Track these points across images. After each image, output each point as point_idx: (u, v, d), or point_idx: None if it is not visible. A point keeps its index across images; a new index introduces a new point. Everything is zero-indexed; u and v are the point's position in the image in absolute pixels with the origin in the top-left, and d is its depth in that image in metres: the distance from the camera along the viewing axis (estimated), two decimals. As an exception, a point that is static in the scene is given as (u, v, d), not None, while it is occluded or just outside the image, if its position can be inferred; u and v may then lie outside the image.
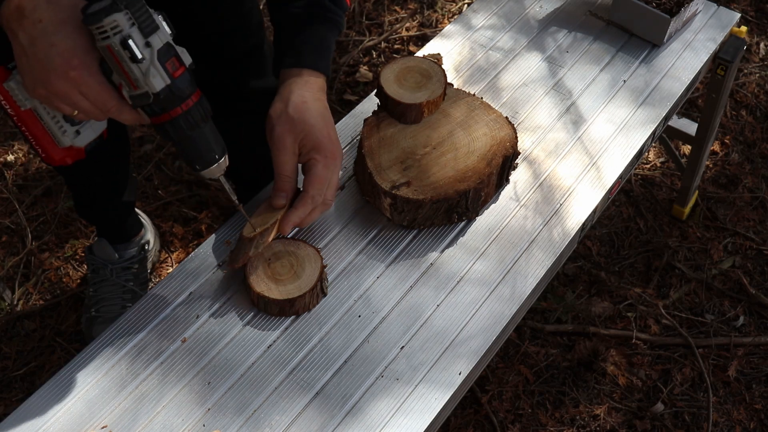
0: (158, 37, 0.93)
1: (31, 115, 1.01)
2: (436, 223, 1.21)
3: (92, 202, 1.66)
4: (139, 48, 0.91)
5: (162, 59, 0.93)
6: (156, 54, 0.92)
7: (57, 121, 1.02)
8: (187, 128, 0.98)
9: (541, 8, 1.60)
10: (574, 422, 1.68)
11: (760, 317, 1.86)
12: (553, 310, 1.84)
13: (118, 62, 0.92)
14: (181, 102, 0.96)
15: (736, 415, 1.70)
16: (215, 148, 1.03)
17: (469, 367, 1.07)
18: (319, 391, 1.04)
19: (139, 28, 0.91)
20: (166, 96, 0.95)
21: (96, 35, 0.90)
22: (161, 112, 0.96)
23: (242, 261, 1.11)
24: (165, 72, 0.93)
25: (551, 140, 1.36)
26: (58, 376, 1.05)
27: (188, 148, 1.01)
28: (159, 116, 0.97)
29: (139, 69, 0.92)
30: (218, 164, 1.04)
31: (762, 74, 2.40)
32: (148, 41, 0.92)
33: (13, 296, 1.83)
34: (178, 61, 0.95)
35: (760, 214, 2.06)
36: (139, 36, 0.91)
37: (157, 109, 0.96)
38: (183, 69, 0.96)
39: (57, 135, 1.03)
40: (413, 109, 1.24)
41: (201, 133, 1.00)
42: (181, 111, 0.97)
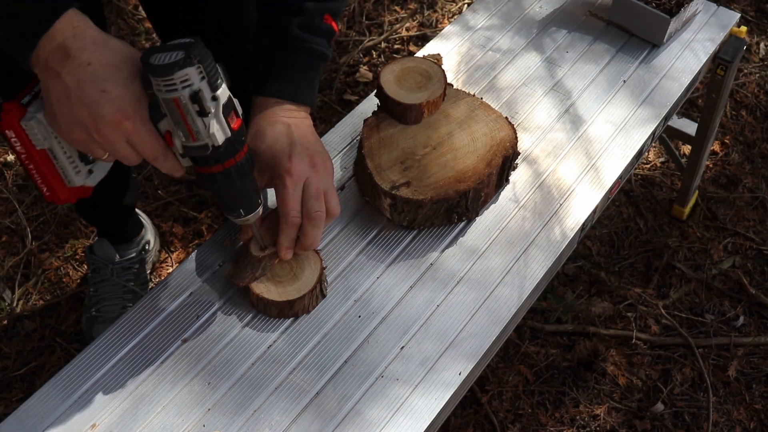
0: (224, 91, 0.92)
1: (45, 154, 0.98)
2: (436, 224, 1.21)
3: (93, 203, 1.66)
4: (207, 102, 0.90)
5: (225, 113, 0.92)
6: (221, 108, 0.91)
7: (72, 161, 0.99)
8: (238, 178, 0.98)
9: (541, 8, 1.60)
10: (574, 422, 1.68)
11: (760, 317, 1.86)
12: (553, 310, 1.84)
13: (182, 115, 0.90)
14: (235, 153, 0.95)
15: (736, 415, 1.70)
16: (257, 194, 1.02)
17: (469, 367, 1.07)
18: (319, 391, 1.04)
19: (208, 82, 0.89)
20: (225, 148, 0.94)
21: (160, 87, 0.87)
22: (215, 163, 0.95)
23: (248, 280, 1.09)
24: (227, 125, 0.93)
25: (551, 140, 1.36)
26: (58, 376, 1.05)
27: (235, 197, 1.01)
28: (211, 167, 0.96)
29: (204, 122, 0.90)
30: (258, 210, 1.04)
31: (762, 74, 2.40)
32: (215, 95, 0.90)
33: (13, 296, 1.83)
34: (236, 113, 0.95)
35: (760, 214, 2.06)
36: (208, 90, 0.89)
37: (211, 161, 0.95)
38: (240, 121, 0.95)
39: (69, 175, 1.00)
40: (413, 110, 1.24)
41: (249, 181, 1.00)
42: (235, 162, 0.96)
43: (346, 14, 2.53)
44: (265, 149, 1.08)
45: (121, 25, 2.47)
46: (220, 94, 0.91)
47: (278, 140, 1.08)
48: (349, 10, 2.53)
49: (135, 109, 0.89)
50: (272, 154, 1.07)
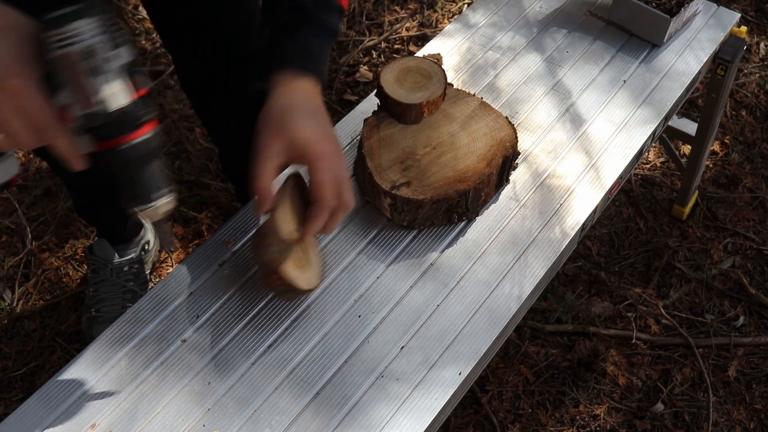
0: (124, 52, 0.85)
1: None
2: (436, 223, 1.21)
3: (92, 204, 1.66)
4: (103, 60, 0.82)
5: (125, 76, 0.85)
6: (122, 67, 0.84)
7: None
8: (147, 154, 0.89)
9: (541, 8, 1.60)
10: (574, 422, 1.68)
11: (760, 317, 1.86)
12: (553, 310, 1.84)
13: (73, 74, 0.82)
14: (142, 125, 0.87)
15: (736, 415, 1.70)
16: (166, 182, 0.92)
17: (469, 367, 1.07)
18: (319, 391, 1.04)
19: (106, 38, 0.83)
20: (128, 116, 0.86)
21: (51, 43, 0.81)
22: (119, 133, 0.86)
23: (278, 264, 1.04)
24: (126, 90, 0.85)
25: (551, 140, 1.36)
26: (58, 376, 1.05)
27: (145, 179, 0.90)
28: (116, 138, 0.87)
29: (99, 83, 0.83)
30: (155, 207, 0.92)
31: (762, 74, 2.40)
32: (114, 54, 0.83)
33: (13, 296, 1.83)
34: (140, 82, 0.87)
35: (760, 214, 2.06)
36: (105, 48, 0.83)
37: (115, 130, 0.86)
38: (146, 91, 0.88)
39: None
40: (413, 110, 1.24)
41: (157, 163, 0.90)
42: (142, 134, 0.87)
43: (346, 14, 2.53)
44: (298, 127, 1.02)
45: (120, 25, 2.47)
46: (121, 54, 0.84)
47: (312, 118, 1.04)
48: (349, 10, 2.53)
49: (24, 70, 0.81)
50: (304, 132, 1.02)
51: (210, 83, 1.54)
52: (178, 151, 2.15)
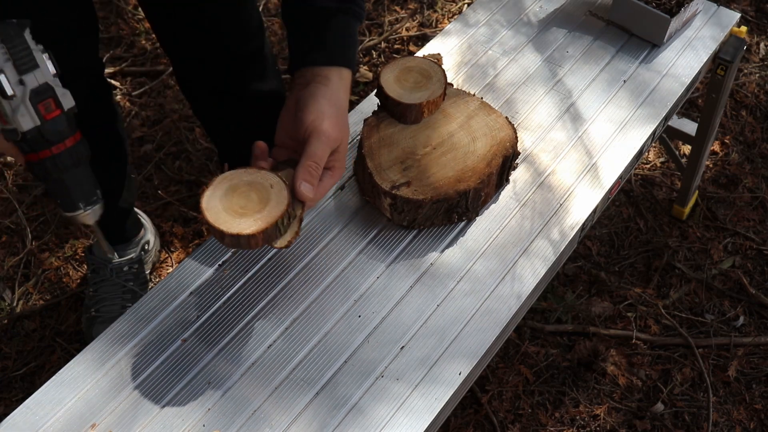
0: (34, 76, 0.90)
1: None
2: (436, 223, 1.21)
3: None
4: (11, 84, 0.89)
5: (34, 99, 0.91)
6: (28, 93, 0.90)
7: None
8: (55, 172, 0.95)
9: (541, 8, 1.60)
10: (574, 422, 1.68)
11: (760, 317, 1.86)
12: (553, 310, 1.84)
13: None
14: (50, 145, 0.94)
15: (736, 415, 1.70)
16: (84, 195, 0.99)
17: (469, 367, 1.07)
18: (319, 391, 1.04)
19: (14, 64, 0.89)
20: (34, 137, 0.92)
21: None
22: (30, 150, 0.94)
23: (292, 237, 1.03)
24: (36, 113, 0.91)
25: (551, 140, 1.36)
26: (58, 376, 1.05)
27: (54, 191, 0.98)
28: (27, 154, 0.95)
29: (9, 105, 0.90)
30: (84, 213, 0.99)
31: (762, 74, 2.40)
32: (22, 79, 0.90)
33: (13, 296, 1.83)
34: (55, 103, 0.93)
35: (760, 214, 2.06)
36: (13, 72, 0.89)
37: (26, 148, 0.94)
38: (58, 112, 0.93)
39: None
40: (413, 109, 1.24)
41: (71, 177, 0.97)
42: (50, 154, 0.94)
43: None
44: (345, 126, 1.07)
45: (121, 25, 2.47)
46: (29, 79, 0.90)
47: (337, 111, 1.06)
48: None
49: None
50: (345, 134, 1.07)
51: (209, 83, 1.54)
52: (178, 151, 2.15)
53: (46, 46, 1.27)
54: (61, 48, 1.29)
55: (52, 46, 1.27)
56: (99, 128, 1.50)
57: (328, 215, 1.24)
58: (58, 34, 1.26)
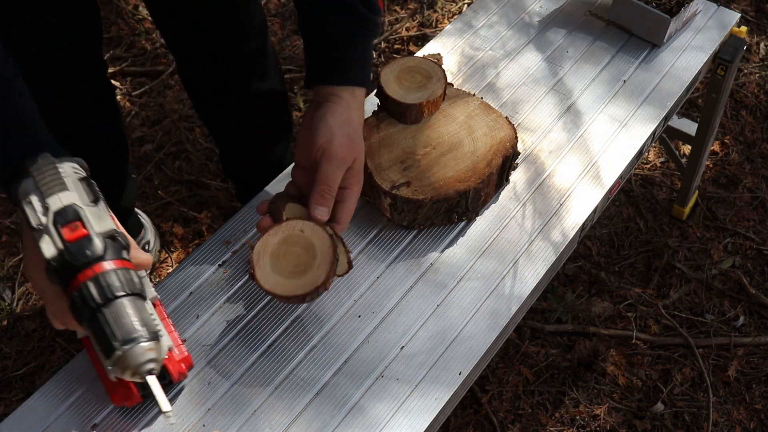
0: (59, 198, 0.83)
1: (88, 342, 0.97)
2: (436, 223, 1.21)
3: None
4: (38, 214, 0.83)
5: (59, 222, 0.82)
6: (51, 217, 0.82)
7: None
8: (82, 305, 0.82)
9: (541, 8, 1.60)
10: (574, 422, 1.68)
11: (760, 317, 1.86)
12: (553, 310, 1.84)
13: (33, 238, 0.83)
14: (77, 271, 0.82)
15: (736, 415, 1.70)
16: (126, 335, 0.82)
17: (469, 367, 1.07)
18: (319, 391, 1.04)
19: (40, 191, 0.83)
20: (62, 264, 0.82)
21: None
22: (60, 284, 0.83)
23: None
24: (59, 236, 0.82)
25: (551, 140, 1.36)
26: (58, 376, 1.05)
27: (92, 334, 0.83)
28: (65, 291, 0.84)
29: (38, 236, 0.82)
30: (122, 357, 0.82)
31: (762, 74, 2.40)
32: (46, 202, 0.83)
33: (13, 296, 1.83)
34: (83, 225, 0.83)
35: (760, 214, 2.06)
36: (39, 202, 0.83)
37: (56, 281, 0.83)
38: (85, 233, 0.82)
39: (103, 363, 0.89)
40: (413, 109, 1.24)
41: (110, 312, 0.82)
42: (78, 283, 0.82)
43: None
44: (360, 149, 1.08)
45: (121, 25, 2.47)
46: (51, 202, 0.83)
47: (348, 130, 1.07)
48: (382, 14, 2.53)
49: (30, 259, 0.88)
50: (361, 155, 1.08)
51: (210, 83, 1.54)
52: (178, 151, 2.15)
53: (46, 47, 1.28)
54: (61, 48, 1.29)
55: (51, 46, 1.27)
56: (101, 129, 1.50)
57: (328, 215, 1.24)
58: (59, 34, 1.27)
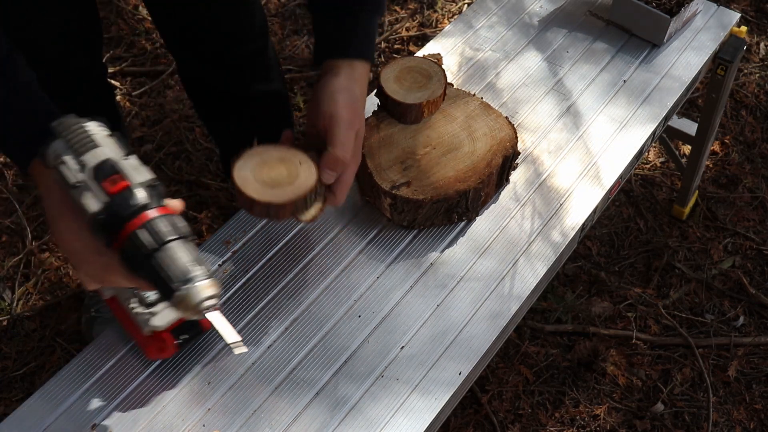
0: (94, 155, 0.85)
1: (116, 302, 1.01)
2: (436, 223, 1.21)
3: None
4: (72, 172, 0.85)
5: (98, 177, 0.84)
6: (91, 173, 0.84)
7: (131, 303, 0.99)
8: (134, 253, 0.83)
9: (541, 8, 1.60)
10: (574, 422, 1.68)
11: (760, 317, 1.86)
12: (553, 310, 1.84)
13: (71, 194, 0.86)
14: (125, 221, 0.83)
15: (736, 415, 1.70)
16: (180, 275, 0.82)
17: (469, 367, 1.07)
18: (319, 391, 1.04)
19: (73, 150, 0.85)
20: (107, 217, 0.84)
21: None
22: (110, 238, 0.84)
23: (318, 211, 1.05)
24: (101, 190, 0.84)
25: (551, 140, 1.36)
26: (58, 376, 1.05)
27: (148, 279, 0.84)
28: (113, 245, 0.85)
29: (79, 194, 0.85)
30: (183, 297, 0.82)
31: (762, 74, 2.40)
32: (81, 160, 0.85)
33: (13, 296, 1.83)
34: (122, 177, 0.85)
35: (760, 214, 2.06)
36: (73, 160, 0.85)
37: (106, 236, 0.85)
38: (126, 184, 0.85)
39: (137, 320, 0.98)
40: (413, 109, 1.24)
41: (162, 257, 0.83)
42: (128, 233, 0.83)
43: None
44: (362, 119, 1.08)
45: (121, 25, 2.47)
46: (87, 159, 0.85)
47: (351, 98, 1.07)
48: None
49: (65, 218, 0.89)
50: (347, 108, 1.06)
51: (210, 83, 1.54)
52: (178, 151, 2.15)
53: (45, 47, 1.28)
54: (61, 48, 1.29)
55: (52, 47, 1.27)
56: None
57: (328, 215, 1.24)
58: (59, 35, 1.27)
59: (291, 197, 1.01)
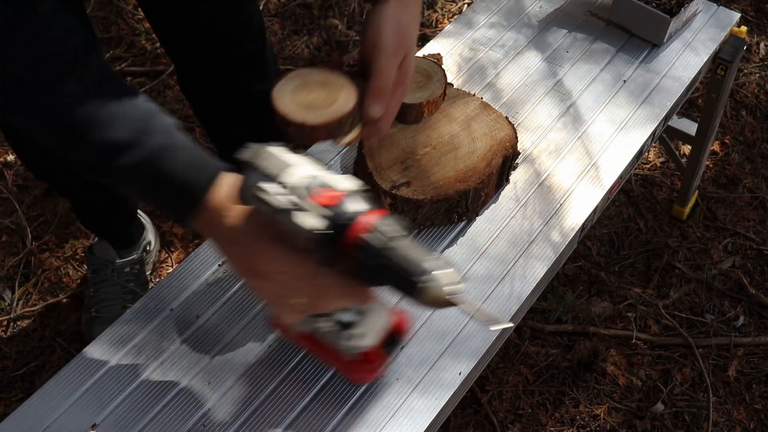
0: (291, 174, 0.83)
1: (312, 338, 1.01)
2: (436, 223, 1.21)
3: (92, 213, 1.66)
4: (277, 196, 0.82)
5: (303, 194, 0.83)
6: (297, 191, 0.82)
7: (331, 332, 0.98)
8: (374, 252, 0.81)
9: (541, 8, 1.60)
10: (574, 422, 1.68)
11: (760, 317, 1.86)
12: (553, 310, 1.84)
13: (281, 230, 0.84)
14: (343, 229, 0.82)
15: (736, 415, 1.70)
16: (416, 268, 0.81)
17: (469, 367, 1.07)
18: (319, 391, 1.04)
19: (266, 175, 0.83)
20: (328, 229, 0.82)
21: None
22: (332, 252, 0.83)
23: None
24: (316, 205, 0.82)
25: (551, 140, 1.36)
26: (58, 376, 1.05)
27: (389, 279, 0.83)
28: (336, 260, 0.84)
29: (290, 216, 0.82)
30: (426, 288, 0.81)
31: (762, 74, 2.40)
32: (282, 182, 0.83)
33: (13, 296, 1.83)
34: (324, 189, 0.83)
35: (760, 214, 2.06)
36: (271, 183, 0.83)
37: (326, 250, 0.83)
38: (336, 197, 0.83)
39: (338, 346, 0.98)
40: (413, 109, 1.24)
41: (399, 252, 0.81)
42: (350, 239, 0.82)
43: (346, 14, 2.53)
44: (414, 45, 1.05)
45: (121, 25, 2.47)
46: (286, 179, 0.83)
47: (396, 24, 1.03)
48: (349, 10, 2.53)
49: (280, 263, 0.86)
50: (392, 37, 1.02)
51: (209, 84, 1.54)
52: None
53: None
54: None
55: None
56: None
57: (328, 215, 1.24)
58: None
59: (325, 120, 0.98)
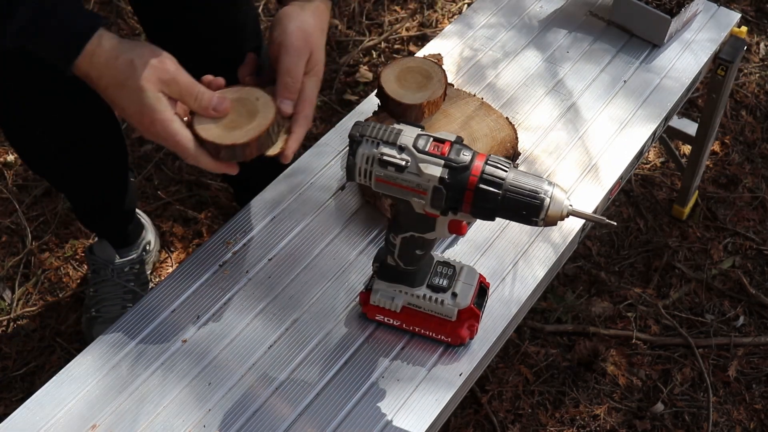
0: (403, 136, 0.91)
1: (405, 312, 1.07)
2: (436, 224, 1.21)
3: (91, 211, 1.66)
4: (397, 158, 0.90)
5: (421, 149, 0.90)
6: (413, 150, 0.90)
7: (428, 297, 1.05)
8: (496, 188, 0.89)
9: (541, 8, 1.60)
10: (574, 422, 1.68)
11: (760, 317, 1.86)
12: (553, 310, 1.84)
13: (394, 185, 0.92)
14: (467, 170, 0.90)
15: (736, 415, 1.70)
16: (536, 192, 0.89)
17: (469, 368, 1.07)
18: (319, 391, 1.04)
19: (383, 142, 0.91)
20: (449, 177, 0.90)
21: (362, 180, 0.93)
22: (459, 193, 0.91)
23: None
24: (433, 156, 0.90)
25: (551, 140, 1.36)
26: (58, 376, 1.05)
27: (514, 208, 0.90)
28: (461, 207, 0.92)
29: (415, 176, 0.90)
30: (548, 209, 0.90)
31: (762, 74, 2.40)
32: (399, 145, 0.91)
33: (13, 296, 1.83)
34: (438, 141, 0.91)
35: (760, 214, 2.06)
36: (389, 147, 0.91)
37: (454, 197, 0.91)
38: (447, 144, 0.91)
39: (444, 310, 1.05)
40: (413, 110, 1.24)
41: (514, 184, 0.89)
42: (476, 180, 0.89)
43: (346, 14, 2.53)
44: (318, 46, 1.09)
45: (121, 25, 2.47)
46: (403, 141, 0.91)
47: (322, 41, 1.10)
48: (349, 10, 2.53)
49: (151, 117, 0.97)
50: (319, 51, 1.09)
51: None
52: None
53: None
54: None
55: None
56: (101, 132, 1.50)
57: (328, 216, 1.24)
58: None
59: (253, 135, 1.02)
